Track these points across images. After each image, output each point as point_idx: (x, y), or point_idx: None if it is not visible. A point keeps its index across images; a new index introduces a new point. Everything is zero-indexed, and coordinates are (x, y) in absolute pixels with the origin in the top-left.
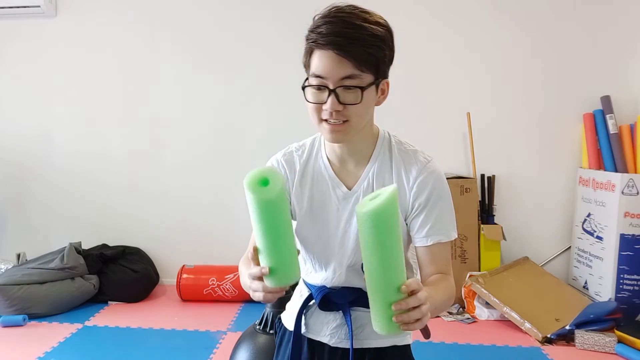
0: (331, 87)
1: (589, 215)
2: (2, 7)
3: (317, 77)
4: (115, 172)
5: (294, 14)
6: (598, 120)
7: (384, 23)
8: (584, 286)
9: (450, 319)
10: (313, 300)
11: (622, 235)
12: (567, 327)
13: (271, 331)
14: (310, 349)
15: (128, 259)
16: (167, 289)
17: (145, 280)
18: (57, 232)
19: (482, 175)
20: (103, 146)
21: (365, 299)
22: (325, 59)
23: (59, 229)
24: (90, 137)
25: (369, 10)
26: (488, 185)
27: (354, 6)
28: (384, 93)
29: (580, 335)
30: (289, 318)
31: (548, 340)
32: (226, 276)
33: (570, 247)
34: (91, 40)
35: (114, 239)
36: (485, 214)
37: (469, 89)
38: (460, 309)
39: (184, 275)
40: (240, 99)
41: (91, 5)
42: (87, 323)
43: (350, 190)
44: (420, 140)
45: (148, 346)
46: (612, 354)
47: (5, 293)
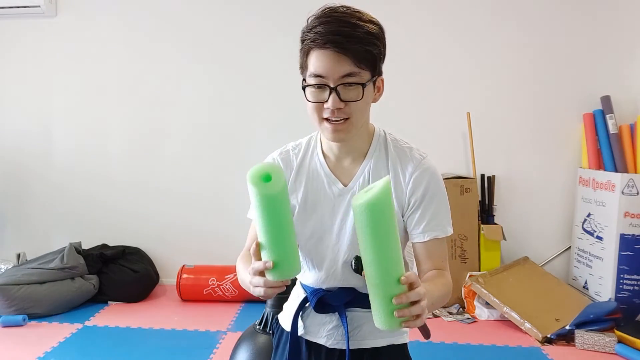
0: (332, 86)
1: (589, 215)
2: (2, 7)
3: (317, 77)
4: (115, 172)
5: (291, 13)
6: (598, 120)
7: (376, 22)
8: (584, 286)
9: (450, 319)
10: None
11: (622, 235)
12: (567, 327)
13: (270, 331)
14: (307, 350)
15: (128, 259)
16: (167, 289)
17: (145, 280)
18: (57, 232)
19: (482, 175)
20: (103, 146)
21: (361, 300)
22: (324, 58)
23: (59, 229)
24: (91, 137)
25: (360, 10)
26: (488, 185)
27: (346, 6)
28: (379, 90)
29: (580, 335)
30: (287, 319)
31: (548, 340)
32: (226, 276)
33: (570, 247)
34: (91, 40)
35: (114, 239)
36: (485, 214)
37: (469, 89)
38: (460, 309)
39: (184, 275)
40: (240, 98)
41: (91, 5)
42: (87, 323)
43: (346, 186)
44: (420, 140)
45: (148, 346)
46: (612, 354)
47: (5, 293)
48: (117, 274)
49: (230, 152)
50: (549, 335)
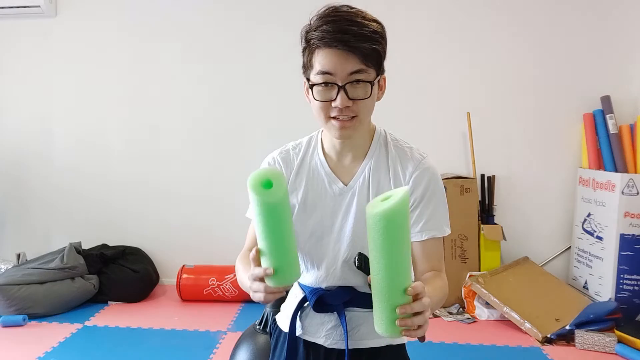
0: (340, 84)
1: (589, 215)
2: (2, 7)
3: (325, 74)
4: (115, 172)
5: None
6: (598, 120)
7: (379, 21)
8: (584, 286)
9: (450, 319)
10: (308, 302)
11: (622, 235)
12: (567, 327)
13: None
14: (305, 350)
15: (128, 259)
16: (167, 289)
17: (145, 280)
18: (57, 232)
19: (482, 175)
20: (103, 146)
21: (360, 299)
22: (332, 57)
23: (59, 229)
24: (90, 137)
25: (362, 10)
26: (488, 185)
27: (349, 6)
28: (382, 89)
29: (580, 335)
30: (284, 320)
31: (548, 340)
32: (226, 276)
33: (570, 247)
34: (91, 40)
35: (114, 239)
36: (485, 214)
37: (469, 89)
38: (460, 309)
39: (184, 275)
40: (240, 98)
41: (91, 5)
42: (87, 323)
43: (346, 185)
44: (420, 140)
45: (148, 346)
46: (612, 354)
47: (5, 293)
48: (117, 274)
49: (230, 152)
50: (549, 335)
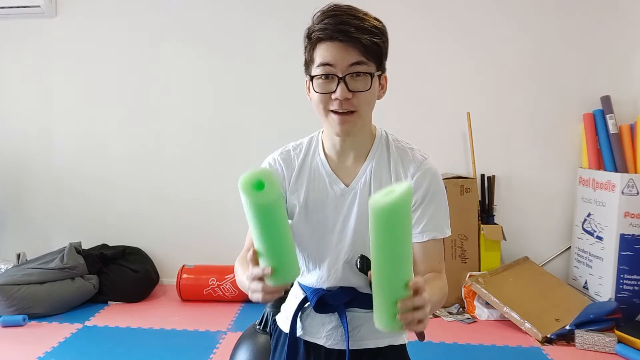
0: (340, 75)
1: (589, 215)
2: (2, 7)
3: (325, 66)
4: (115, 173)
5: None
6: (598, 120)
7: (379, 19)
8: (584, 286)
9: (450, 319)
10: (308, 303)
11: (622, 235)
12: (567, 327)
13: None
14: (306, 351)
15: (128, 259)
16: (167, 289)
17: (145, 280)
18: (57, 232)
19: (482, 175)
20: (103, 146)
21: (361, 300)
22: (332, 49)
23: (59, 229)
24: (90, 138)
25: (363, 10)
26: (488, 185)
27: (349, 5)
28: (383, 88)
29: (580, 335)
30: (284, 320)
31: (548, 340)
32: (226, 276)
33: (570, 247)
34: (91, 40)
35: (114, 238)
36: (485, 214)
37: (469, 89)
38: (460, 309)
39: (184, 275)
40: (240, 99)
41: (91, 5)
42: (87, 323)
43: (347, 186)
44: (420, 140)
45: (148, 346)
46: (612, 354)
47: (5, 293)
48: (117, 274)
49: (230, 152)
50: (549, 335)
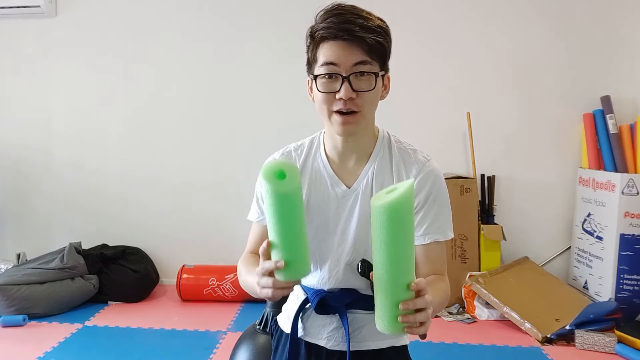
0: (344, 75)
1: (589, 215)
2: (2, 7)
3: (329, 65)
4: (116, 172)
5: (290, 9)
6: (598, 120)
7: (383, 19)
8: (584, 286)
9: (450, 319)
10: (309, 304)
11: (622, 235)
12: (567, 327)
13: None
14: (307, 351)
15: (128, 259)
16: (167, 289)
17: (145, 280)
18: (57, 232)
19: (482, 175)
20: (103, 147)
21: (362, 301)
22: (336, 48)
23: (59, 229)
24: (90, 138)
25: (366, 9)
26: (488, 185)
27: (352, 4)
28: (386, 88)
29: (580, 335)
30: (286, 320)
31: (548, 340)
32: (226, 276)
33: (570, 247)
34: (91, 40)
35: (114, 238)
36: (485, 214)
37: (469, 89)
38: (460, 309)
39: (184, 275)
40: (241, 100)
41: (91, 5)
42: (87, 323)
43: (349, 188)
44: (420, 140)
45: (148, 346)
46: (612, 354)
47: (5, 293)
48: (117, 274)
49: (230, 152)
50: (549, 335)
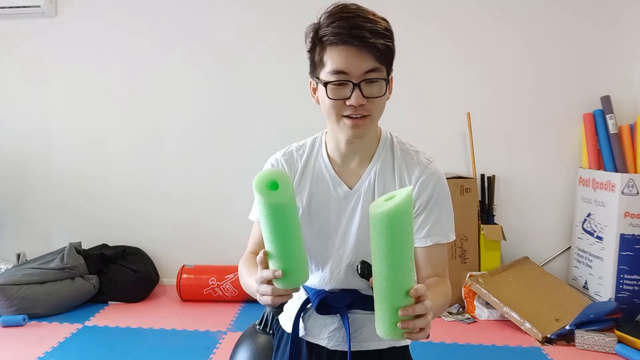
0: (355, 82)
1: (589, 215)
2: (2, 7)
3: (339, 73)
4: (116, 172)
5: (292, 12)
6: (598, 120)
7: (386, 19)
8: (584, 286)
9: (450, 319)
10: (310, 304)
11: (622, 235)
12: (567, 327)
13: (271, 332)
14: (308, 351)
15: (128, 259)
16: (167, 289)
17: (145, 280)
18: (57, 232)
19: (482, 175)
20: (103, 146)
21: (363, 302)
22: (346, 54)
23: (59, 229)
24: (91, 138)
25: (370, 9)
26: (488, 185)
27: (356, 4)
28: (390, 90)
29: (580, 335)
30: (287, 320)
31: (548, 340)
32: (226, 276)
33: (570, 247)
34: (91, 40)
35: (114, 238)
36: (485, 214)
37: (469, 89)
38: (460, 309)
39: (184, 275)
40: (241, 99)
41: (91, 5)
42: (87, 323)
43: (351, 189)
44: (420, 140)
45: (148, 346)
46: (612, 354)
47: (5, 293)
48: (117, 274)
49: (230, 152)
50: (549, 335)
